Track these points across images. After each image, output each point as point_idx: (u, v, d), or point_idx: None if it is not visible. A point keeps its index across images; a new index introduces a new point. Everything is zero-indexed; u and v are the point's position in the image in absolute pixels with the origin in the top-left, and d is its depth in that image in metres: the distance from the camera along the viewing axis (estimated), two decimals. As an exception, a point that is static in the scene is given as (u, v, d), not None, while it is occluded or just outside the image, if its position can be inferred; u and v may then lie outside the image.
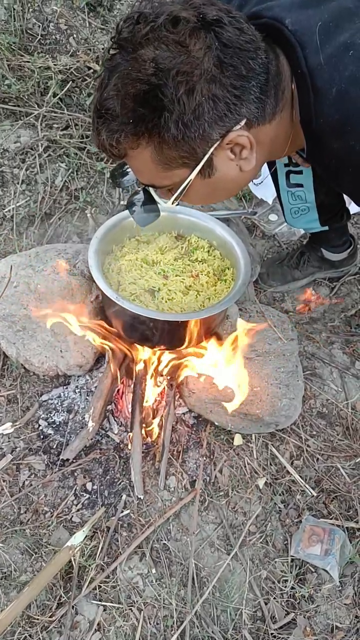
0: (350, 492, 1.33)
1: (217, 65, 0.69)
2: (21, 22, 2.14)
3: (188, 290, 1.27)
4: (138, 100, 0.70)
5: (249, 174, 0.83)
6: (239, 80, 0.71)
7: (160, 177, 0.81)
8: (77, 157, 1.93)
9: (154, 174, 0.80)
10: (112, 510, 1.26)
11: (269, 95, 0.76)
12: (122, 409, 1.38)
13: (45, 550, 1.20)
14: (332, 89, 0.74)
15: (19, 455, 1.32)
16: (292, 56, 0.76)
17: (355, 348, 1.62)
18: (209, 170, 0.79)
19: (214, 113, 0.71)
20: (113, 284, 1.24)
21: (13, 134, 1.98)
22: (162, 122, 0.70)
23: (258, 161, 0.81)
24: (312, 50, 0.75)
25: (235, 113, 0.73)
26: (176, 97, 0.68)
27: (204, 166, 0.77)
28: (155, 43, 0.68)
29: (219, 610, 1.17)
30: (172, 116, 0.70)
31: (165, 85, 0.68)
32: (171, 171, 0.78)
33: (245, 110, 0.74)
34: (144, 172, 0.82)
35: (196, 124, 0.71)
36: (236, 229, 1.56)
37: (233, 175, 0.81)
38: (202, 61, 0.68)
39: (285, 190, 1.40)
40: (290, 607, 1.19)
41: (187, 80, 0.68)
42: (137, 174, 0.84)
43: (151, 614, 1.15)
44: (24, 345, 1.38)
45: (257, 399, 1.31)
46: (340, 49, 0.73)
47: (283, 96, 0.78)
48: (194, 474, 1.33)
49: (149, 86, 0.68)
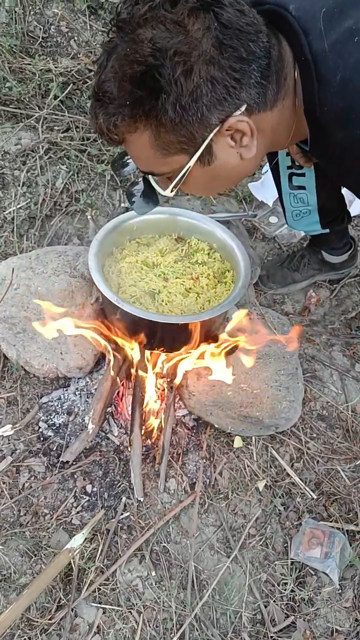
0: (351, 495, 1.33)
1: (216, 47, 0.67)
2: (22, 24, 2.15)
3: (188, 292, 1.27)
4: (135, 82, 0.68)
5: (250, 162, 0.81)
6: (239, 63, 0.69)
7: (159, 164, 0.79)
8: (78, 160, 1.94)
9: (152, 161, 0.78)
10: (112, 513, 1.26)
11: (271, 81, 0.74)
12: (122, 411, 1.38)
13: (44, 552, 1.19)
14: (337, 76, 0.72)
15: (19, 457, 1.32)
16: (296, 43, 0.74)
17: (355, 350, 1.62)
18: (208, 157, 0.77)
19: (212, 96, 0.69)
20: (113, 286, 1.24)
21: (14, 136, 1.98)
22: (159, 104, 0.69)
23: (259, 150, 0.79)
24: (316, 36, 0.73)
25: (234, 97, 0.71)
26: (173, 78, 0.67)
27: (203, 153, 0.76)
28: (153, 23, 0.66)
29: (219, 613, 1.17)
30: (170, 98, 0.68)
31: (163, 65, 0.66)
32: (170, 157, 0.77)
33: (245, 94, 0.72)
34: (142, 159, 0.80)
35: (194, 106, 0.69)
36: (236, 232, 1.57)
37: (233, 163, 0.79)
38: (200, 42, 0.67)
39: (288, 193, 1.40)
40: (290, 610, 1.18)
41: (185, 61, 0.67)
42: (136, 160, 0.83)
43: (151, 616, 1.15)
44: (24, 347, 1.38)
45: (257, 402, 1.31)
46: (345, 35, 0.72)
47: (285, 83, 0.76)
48: (194, 477, 1.33)
49: (146, 67, 0.67)
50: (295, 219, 1.47)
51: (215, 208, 1.84)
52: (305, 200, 1.40)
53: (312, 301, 1.72)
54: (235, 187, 1.96)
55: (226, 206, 1.90)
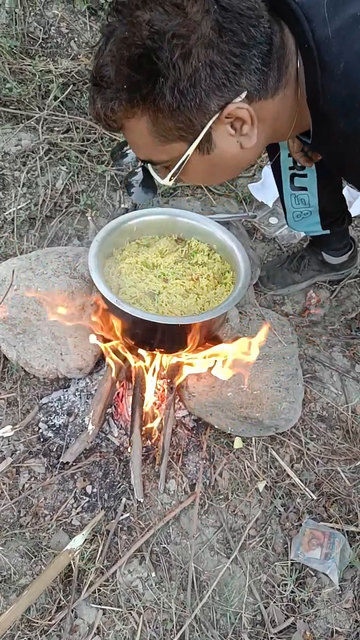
0: (351, 496, 1.33)
1: (216, 30, 0.66)
2: (23, 25, 2.15)
3: (188, 293, 1.27)
4: (133, 66, 0.67)
5: (250, 152, 0.79)
6: (239, 48, 0.68)
7: (158, 152, 0.77)
8: (78, 160, 1.94)
9: (150, 148, 0.77)
10: (112, 514, 1.26)
11: (272, 68, 0.72)
12: (122, 412, 1.38)
13: (44, 553, 1.19)
14: (340, 63, 0.70)
15: (19, 458, 1.32)
16: (298, 29, 0.73)
17: (355, 351, 1.62)
18: (207, 145, 0.76)
19: (211, 81, 0.68)
20: (113, 287, 1.24)
21: (14, 137, 1.98)
22: (156, 88, 0.67)
23: (259, 139, 0.77)
24: (319, 23, 0.71)
25: (234, 83, 0.69)
26: (171, 62, 0.65)
27: (202, 141, 0.74)
28: (151, 5, 0.65)
29: (219, 614, 1.17)
30: (167, 82, 0.67)
31: (161, 48, 0.65)
32: (168, 145, 0.76)
33: (245, 80, 0.70)
34: (140, 146, 0.79)
35: (192, 91, 0.68)
36: (236, 232, 1.57)
37: (233, 152, 0.77)
38: (199, 25, 0.65)
39: (289, 194, 1.40)
40: (290, 611, 1.18)
41: (184, 44, 0.65)
42: (134, 148, 0.81)
43: (151, 617, 1.15)
44: (24, 348, 1.38)
45: (257, 402, 1.31)
46: (350, 21, 0.70)
47: (287, 71, 0.75)
48: (194, 477, 1.33)
49: (143, 50, 0.66)
50: (296, 220, 1.47)
51: (215, 209, 1.84)
52: (307, 201, 1.40)
53: (312, 302, 1.72)
54: (235, 188, 1.96)
55: (226, 207, 1.90)
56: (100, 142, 2.00)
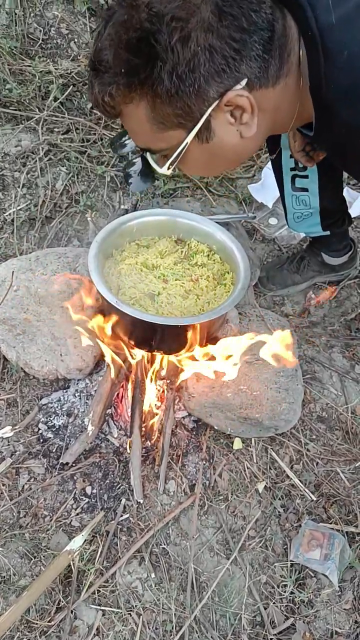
0: (350, 497, 1.33)
1: (215, 14, 0.65)
2: (22, 26, 2.15)
3: (188, 294, 1.27)
4: (131, 49, 0.66)
5: (250, 142, 0.78)
6: (239, 33, 0.66)
7: (156, 139, 0.76)
8: (78, 161, 1.94)
9: (149, 136, 0.76)
10: (112, 515, 1.26)
11: (273, 55, 0.70)
12: (121, 413, 1.38)
13: (44, 554, 1.19)
14: (344, 51, 0.69)
15: (19, 459, 1.32)
16: (301, 16, 0.71)
17: (355, 352, 1.62)
18: (206, 133, 0.74)
19: (210, 66, 0.66)
20: (113, 288, 1.24)
21: (14, 138, 1.98)
22: (155, 72, 0.66)
23: (260, 129, 0.75)
24: (323, 9, 0.70)
25: (234, 69, 0.68)
26: (170, 45, 0.64)
27: (201, 129, 0.73)
28: None
29: (218, 615, 1.17)
30: (166, 66, 0.66)
31: (159, 31, 0.64)
32: (167, 132, 0.74)
33: (246, 67, 0.68)
34: (139, 133, 0.78)
35: (191, 77, 0.67)
36: (236, 233, 1.57)
37: (233, 142, 0.76)
38: (199, 8, 0.64)
39: (290, 195, 1.40)
40: (289, 612, 1.18)
41: (182, 27, 0.64)
42: (133, 135, 0.80)
43: (150, 618, 1.15)
44: (24, 348, 1.38)
45: (257, 403, 1.31)
46: (354, 9, 0.69)
47: (289, 59, 0.73)
48: (194, 478, 1.33)
49: (142, 32, 0.65)
50: (297, 221, 1.47)
51: (214, 210, 1.84)
52: (308, 202, 1.40)
53: (312, 303, 1.72)
54: (235, 189, 1.96)
55: (226, 208, 1.90)
56: (100, 143, 2.00)
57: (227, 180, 1.98)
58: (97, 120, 2.05)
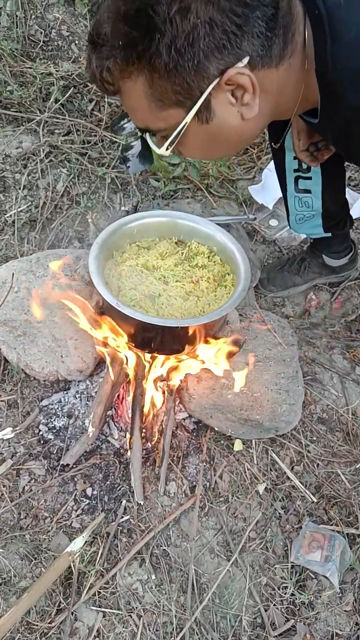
0: (351, 498, 1.33)
1: None
2: (23, 28, 2.16)
3: (188, 295, 1.27)
4: (129, 21, 0.65)
5: (252, 125, 0.75)
6: (241, 7, 0.64)
7: (155, 118, 0.74)
8: (79, 163, 1.94)
9: (147, 114, 0.74)
10: (112, 516, 1.26)
11: (277, 34, 0.68)
12: (122, 414, 1.39)
13: (45, 555, 1.19)
14: (352, 32, 0.67)
15: (19, 460, 1.32)
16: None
17: (355, 353, 1.62)
18: (206, 113, 0.72)
19: (210, 40, 0.64)
20: (113, 290, 1.24)
21: (15, 140, 1.99)
22: (153, 45, 0.64)
23: (262, 112, 0.73)
24: None
25: (235, 45, 0.65)
26: (168, 17, 0.62)
27: (201, 108, 0.70)
28: None
29: (219, 617, 1.16)
30: (164, 39, 0.63)
31: (158, 2, 0.62)
32: (166, 111, 0.72)
33: (247, 44, 0.66)
34: (137, 111, 0.76)
35: (190, 51, 0.64)
36: (236, 235, 1.57)
37: (234, 123, 0.73)
38: None
39: (293, 196, 1.40)
40: (290, 613, 1.18)
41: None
42: (132, 114, 0.78)
43: (151, 620, 1.14)
44: (24, 350, 1.38)
45: (257, 405, 1.31)
46: None
47: (293, 40, 0.70)
48: (194, 480, 1.33)
49: (140, 4, 0.63)
50: (299, 223, 1.47)
51: (215, 211, 1.84)
52: (310, 204, 1.40)
53: (313, 304, 1.72)
54: (235, 190, 1.96)
55: (226, 209, 1.90)
56: (101, 145, 2.00)
57: (228, 181, 1.99)
58: (97, 122, 2.05)
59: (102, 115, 2.05)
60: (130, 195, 1.91)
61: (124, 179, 1.94)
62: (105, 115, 2.05)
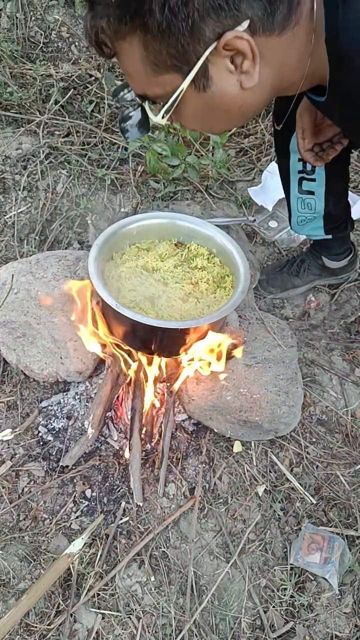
0: (350, 500, 1.33)
1: None
2: (24, 30, 2.16)
3: (188, 297, 1.27)
4: None
5: (252, 95, 0.72)
6: None
7: (151, 84, 0.72)
8: (78, 164, 1.94)
9: (143, 79, 0.72)
10: (111, 518, 1.26)
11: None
12: (121, 416, 1.39)
13: (44, 557, 1.19)
14: None
15: (19, 461, 1.32)
16: None
17: (355, 355, 1.62)
18: (204, 80, 0.69)
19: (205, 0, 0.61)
20: (113, 291, 1.24)
21: (15, 141, 1.99)
22: (145, 4, 0.62)
23: (264, 83, 0.70)
24: None
25: (233, 7, 0.62)
26: None
27: (198, 75, 0.68)
28: None
29: (218, 619, 1.16)
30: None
31: None
32: (162, 76, 0.70)
33: (247, 7, 0.63)
34: (134, 77, 0.74)
35: (184, 10, 0.61)
36: (236, 236, 1.57)
37: (233, 92, 0.71)
38: None
39: (296, 197, 1.41)
40: (289, 615, 1.18)
41: None
42: (129, 80, 0.76)
43: (150, 622, 1.14)
44: (24, 351, 1.38)
45: (257, 406, 1.31)
46: None
47: (298, 8, 0.67)
48: (194, 481, 1.33)
49: None
50: (300, 224, 1.48)
51: (214, 213, 1.84)
52: (313, 206, 1.40)
53: (312, 306, 1.72)
54: (235, 192, 1.97)
55: (226, 211, 1.90)
56: (101, 146, 2.01)
57: (227, 183, 1.99)
58: (97, 124, 2.06)
59: (102, 117, 2.05)
60: (129, 197, 1.91)
61: (124, 181, 1.94)
62: (105, 117, 2.05)
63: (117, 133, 2.06)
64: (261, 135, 2.09)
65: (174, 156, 1.79)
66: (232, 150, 2.03)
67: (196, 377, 1.35)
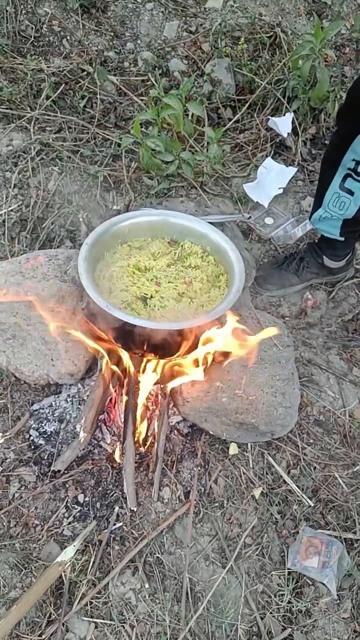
0: (348, 502, 1.31)
1: None
2: (14, 24, 2.12)
3: (181, 297, 1.25)
4: None
5: None
6: None
7: None
8: (70, 161, 1.91)
9: None
10: (104, 523, 1.23)
11: None
12: (114, 419, 1.36)
13: (35, 565, 1.17)
14: None
15: (9, 466, 1.29)
16: None
17: (352, 354, 1.59)
18: None
19: None
20: (104, 291, 1.21)
21: (5, 137, 1.95)
22: None
23: None
24: None
25: None
26: None
27: None
28: None
29: (214, 626, 1.14)
30: None
31: None
32: None
33: None
34: None
35: None
36: (231, 234, 1.54)
37: None
38: None
39: (333, 192, 1.38)
40: (287, 621, 1.16)
41: None
42: None
43: (144, 630, 1.12)
44: (14, 353, 1.35)
45: (253, 408, 1.28)
46: None
47: None
48: (189, 485, 1.30)
49: None
50: (321, 220, 1.46)
51: (209, 210, 1.81)
52: (346, 206, 1.38)
53: (309, 304, 1.69)
54: (230, 188, 1.93)
55: (221, 207, 1.87)
56: (93, 142, 1.97)
57: (222, 179, 1.95)
58: (89, 119, 2.02)
59: (95, 112, 2.01)
60: (123, 194, 1.87)
61: (117, 177, 1.91)
62: (98, 112, 2.01)
63: (109, 129, 2.02)
64: (256, 130, 2.05)
65: (168, 152, 1.76)
66: (227, 146, 1.99)
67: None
